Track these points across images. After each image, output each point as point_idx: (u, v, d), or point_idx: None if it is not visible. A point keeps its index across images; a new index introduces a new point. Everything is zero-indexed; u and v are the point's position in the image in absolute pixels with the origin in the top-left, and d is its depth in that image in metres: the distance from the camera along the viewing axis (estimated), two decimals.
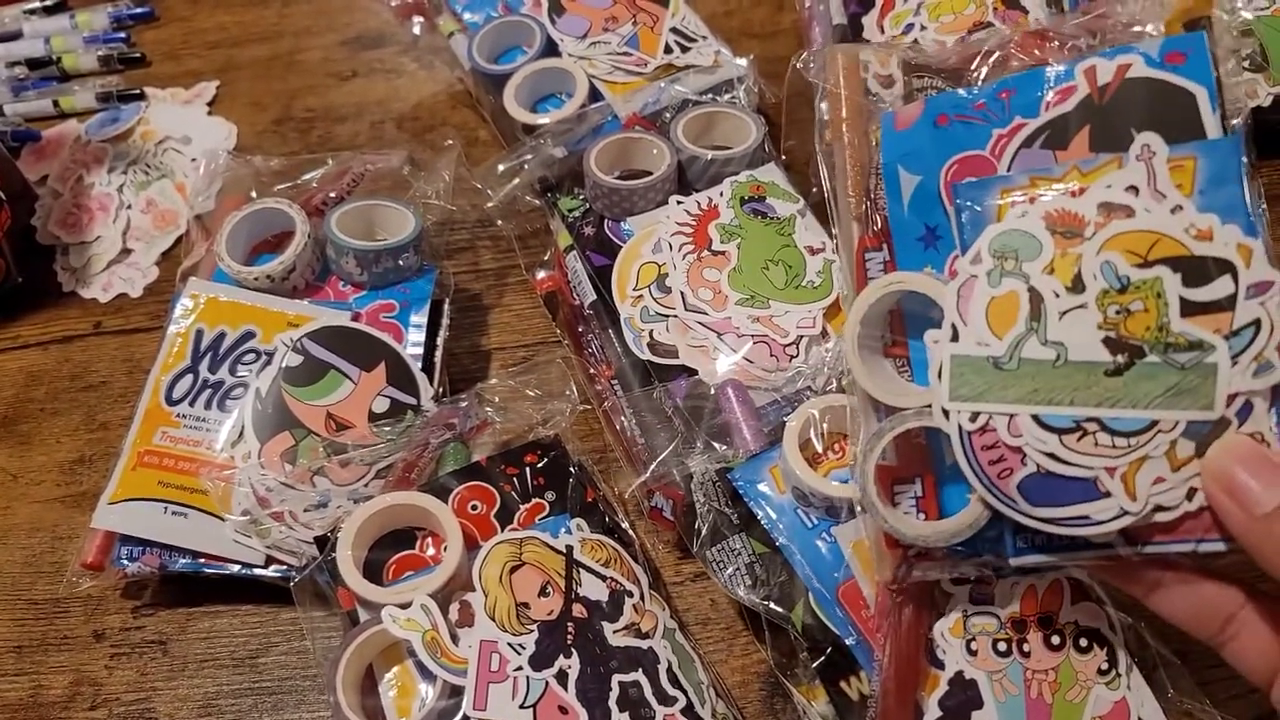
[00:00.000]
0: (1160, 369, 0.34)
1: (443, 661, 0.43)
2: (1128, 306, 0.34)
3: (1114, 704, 0.42)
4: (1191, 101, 0.36)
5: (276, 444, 0.52)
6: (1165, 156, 0.35)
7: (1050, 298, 0.35)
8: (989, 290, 0.36)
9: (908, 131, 0.41)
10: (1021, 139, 0.39)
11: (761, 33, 0.78)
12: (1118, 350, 0.34)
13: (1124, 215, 0.35)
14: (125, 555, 0.52)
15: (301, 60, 0.80)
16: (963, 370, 0.36)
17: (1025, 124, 0.39)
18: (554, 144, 0.62)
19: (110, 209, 0.71)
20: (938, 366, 0.36)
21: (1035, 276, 0.35)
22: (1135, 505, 0.33)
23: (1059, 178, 0.37)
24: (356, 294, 0.58)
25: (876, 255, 0.42)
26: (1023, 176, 0.37)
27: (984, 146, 0.40)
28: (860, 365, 0.40)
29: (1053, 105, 0.38)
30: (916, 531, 0.38)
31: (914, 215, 0.41)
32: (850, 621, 0.44)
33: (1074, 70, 0.38)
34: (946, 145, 0.40)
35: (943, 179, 0.40)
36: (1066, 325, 0.35)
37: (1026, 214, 0.36)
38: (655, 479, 0.50)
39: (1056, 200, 0.36)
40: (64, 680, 0.52)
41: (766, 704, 0.49)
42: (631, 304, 0.55)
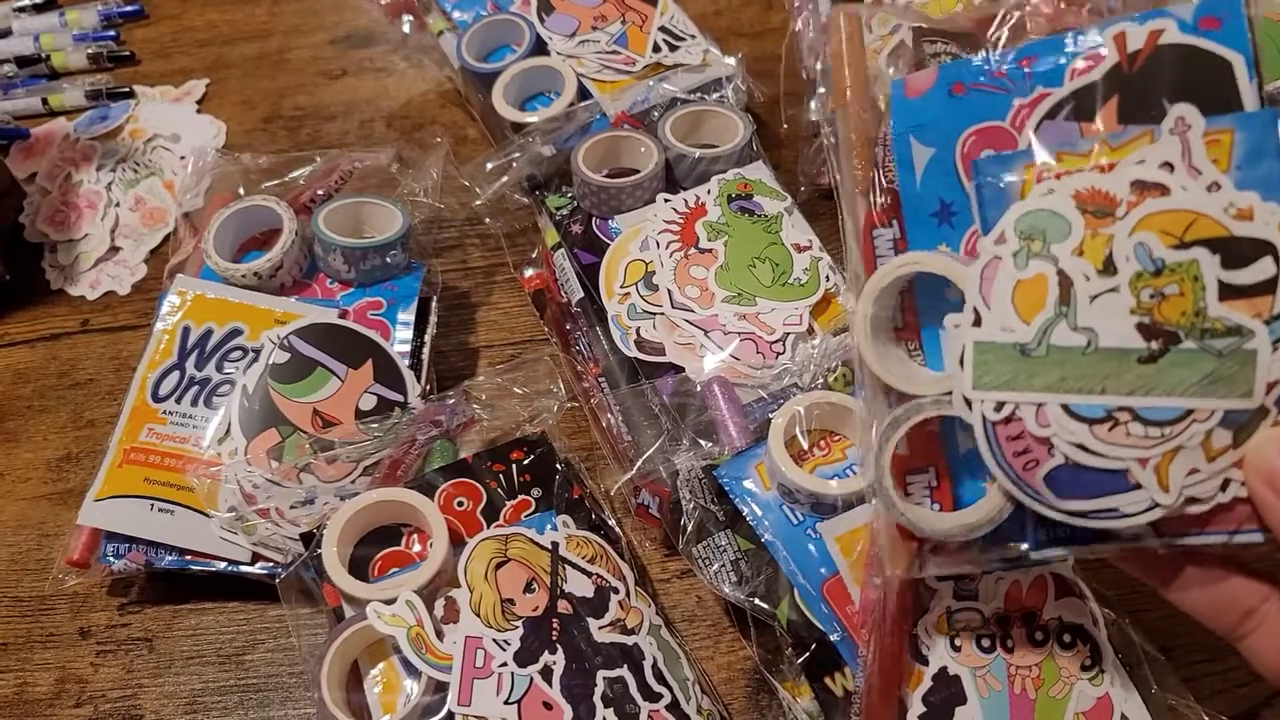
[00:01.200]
0: (1196, 356, 0.32)
1: (428, 658, 0.43)
2: (1162, 290, 0.32)
3: (1097, 700, 0.42)
4: (1227, 70, 0.33)
5: (263, 441, 0.52)
6: (1201, 130, 0.33)
7: (1080, 281, 0.33)
8: (1015, 273, 0.34)
9: (920, 100, 0.38)
10: (1045, 110, 0.36)
11: (750, 32, 0.78)
12: (1152, 336, 0.32)
13: (1158, 193, 0.33)
14: (111, 552, 0.51)
15: (291, 59, 0.80)
16: (987, 357, 0.34)
17: (1049, 94, 0.36)
18: (542, 142, 0.62)
19: (99, 206, 0.71)
20: (959, 353, 0.34)
21: (1064, 259, 0.33)
22: (1167, 497, 0.32)
23: (1086, 154, 0.34)
24: (344, 291, 0.58)
25: (885, 233, 0.39)
26: (1046, 152, 0.35)
27: (1004, 118, 0.37)
28: (872, 349, 0.38)
29: (1079, 74, 0.36)
30: (934, 525, 0.36)
31: (927, 189, 0.38)
32: (835, 617, 0.44)
33: (1102, 35, 0.35)
34: (963, 115, 0.37)
35: (959, 151, 0.38)
36: (1098, 310, 0.33)
37: (1053, 191, 0.34)
38: (642, 476, 0.50)
39: (1085, 177, 0.33)
40: (49, 677, 0.52)
41: (752, 700, 0.49)
42: (619, 301, 0.55)
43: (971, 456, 0.36)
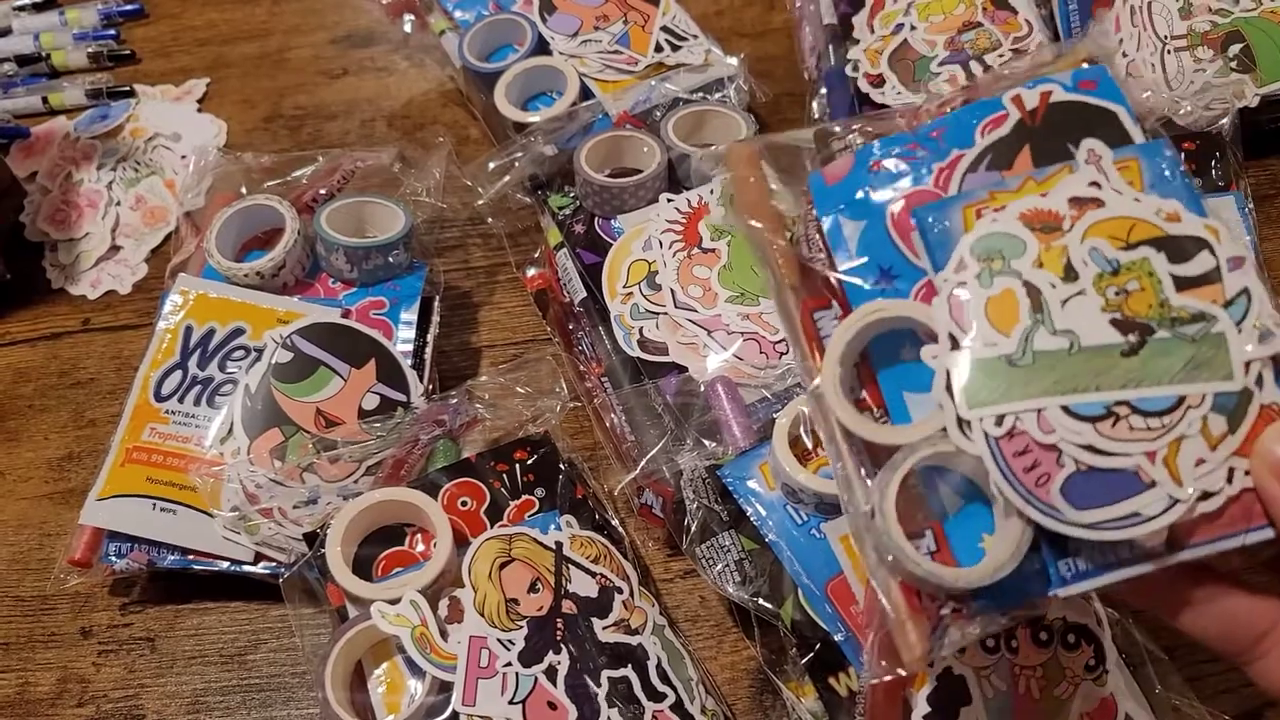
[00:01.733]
0: (1173, 343, 0.33)
1: (432, 657, 0.43)
2: (1125, 287, 0.34)
3: (1101, 700, 0.43)
4: (1114, 118, 0.37)
5: (266, 440, 0.52)
6: (1111, 159, 0.36)
7: (1047, 289, 0.34)
8: (983, 292, 0.35)
9: (841, 184, 0.40)
10: (965, 165, 0.39)
11: (752, 32, 0.78)
12: (1128, 330, 0.33)
13: (1095, 206, 0.35)
14: (113, 552, 0.51)
15: (291, 58, 0.80)
16: (975, 375, 0.34)
17: (964, 153, 0.39)
18: (544, 142, 0.62)
19: (99, 206, 0.71)
20: (944, 380, 0.34)
21: (1027, 271, 0.35)
22: (1182, 490, 0.32)
23: (1016, 189, 0.37)
24: (346, 291, 0.58)
25: (827, 313, 0.39)
26: (981, 192, 0.37)
27: (927, 181, 0.39)
28: (849, 410, 0.36)
29: (988, 132, 0.39)
30: (958, 576, 0.34)
31: (864, 260, 0.39)
32: (839, 618, 0.44)
33: (1000, 100, 0.39)
34: (887, 186, 0.39)
35: (890, 217, 0.39)
36: (1071, 313, 0.34)
37: (998, 219, 0.36)
38: (645, 476, 0.50)
39: (1026, 201, 0.36)
40: (51, 677, 0.52)
41: (755, 700, 0.49)
42: (621, 301, 0.55)
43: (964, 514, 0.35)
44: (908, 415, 0.37)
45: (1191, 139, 0.58)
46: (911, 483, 0.36)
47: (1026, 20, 0.64)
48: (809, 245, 0.40)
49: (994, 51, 0.63)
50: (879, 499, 0.35)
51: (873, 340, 0.37)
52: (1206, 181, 0.57)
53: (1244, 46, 0.62)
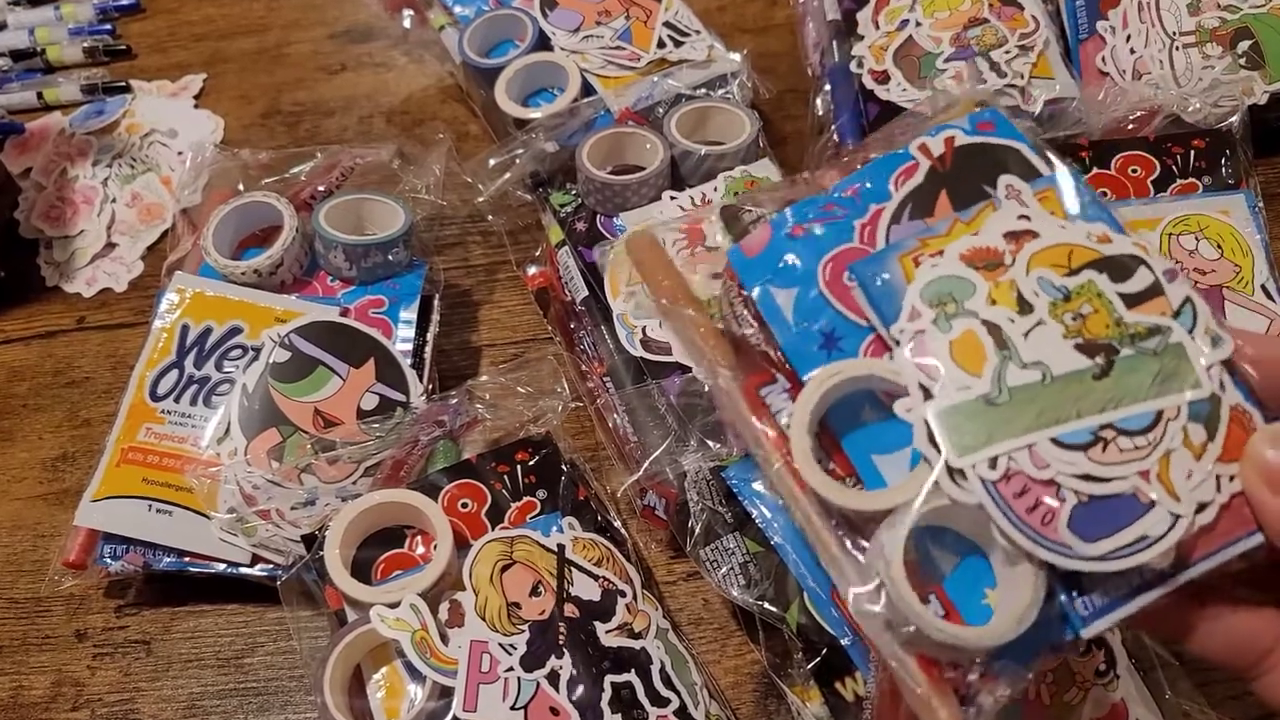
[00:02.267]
0: (1139, 359, 0.33)
1: (432, 662, 0.43)
2: (1080, 311, 0.34)
3: (1112, 705, 0.42)
4: (1018, 154, 0.38)
5: (263, 441, 0.52)
6: (1030, 191, 0.37)
7: (1007, 324, 0.34)
8: (943, 336, 0.34)
9: (763, 255, 0.39)
10: (888, 218, 0.38)
11: (754, 28, 0.77)
12: (1093, 352, 0.33)
13: (1030, 238, 0.35)
14: (108, 554, 0.51)
15: (289, 53, 0.79)
16: (956, 421, 0.33)
17: (883, 206, 0.38)
18: (546, 139, 0.61)
19: (95, 202, 0.70)
20: (924, 432, 0.33)
21: (982, 310, 0.34)
22: (1181, 505, 0.32)
23: (945, 233, 0.36)
24: (345, 289, 0.58)
25: (773, 387, 0.38)
26: (912, 240, 0.37)
27: (851, 238, 0.38)
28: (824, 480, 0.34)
29: (902, 183, 0.39)
30: (981, 633, 0.32)
31: (803, 327, 0.37)
32: (846, 621, 0.44)
33: (907, 150, 0.39)
34: (812, 250, 0.38)
35: (821, 279, 0.38)
36: (1035, 344, 0.34)
37: (939, 263, 0.35)
38: (648, 477, 0.49)
39: (961, 242, 0.36)
40: (45, 680, 0.51)
41: (760, 705, 0.49)
42: (624, 300, 0.54)
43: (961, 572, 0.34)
44: (882, 478, 0.35)
45: (1200, 136, 0.58)
46: (906, 548, 0.34)
47: (1033, 16, 0.63)
48: (738, 322, 0.39)
49: (1000, 48, 0.62)
50: (885, 567, 0.33)
51: (829, 408, 0.36)
52: (1216, 179, 0.57)
53: (1253, 43, 0.61)
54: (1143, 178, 0.57)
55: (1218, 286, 0.54)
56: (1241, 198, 0.56)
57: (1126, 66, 0.63)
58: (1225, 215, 0.55)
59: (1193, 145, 0.58)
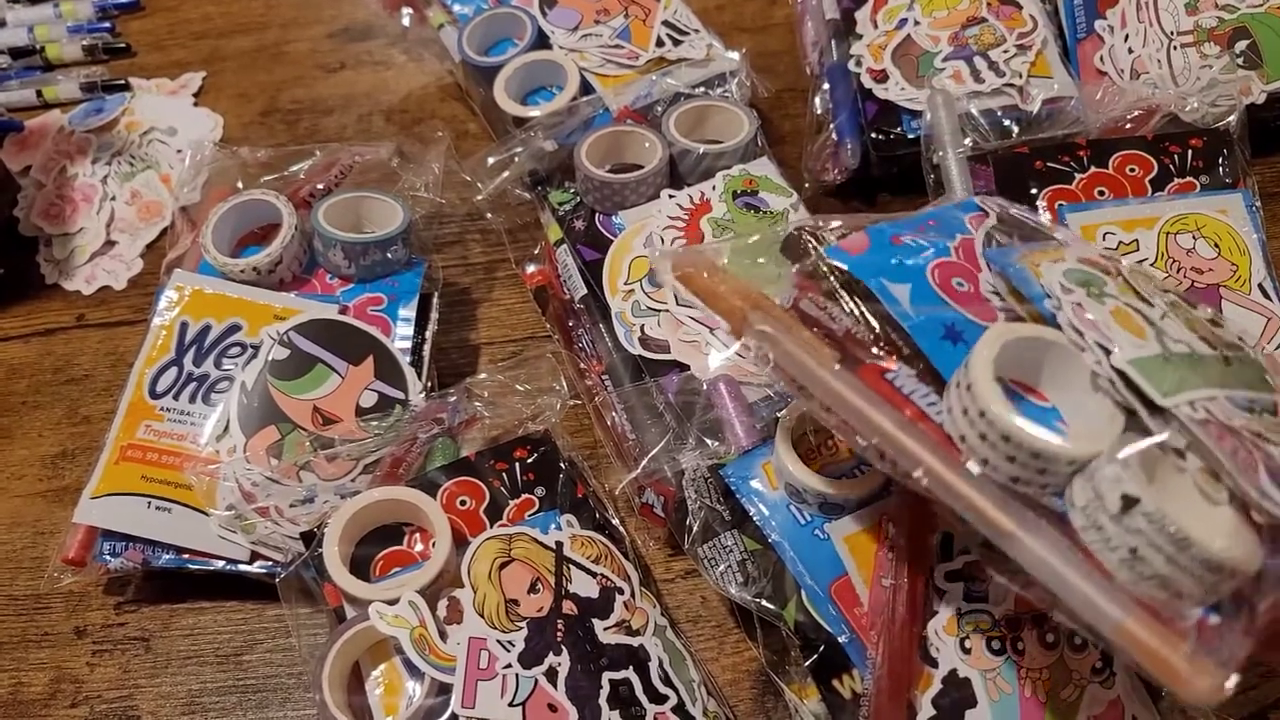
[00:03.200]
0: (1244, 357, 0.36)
1: (431, 659, 0.43)
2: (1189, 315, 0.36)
3: (1108, 703, 0.42)
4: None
5: (262, 438, 0.52)
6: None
7: (1144, 308, 0.35)
8: (1101, 307, 0.35)
9: (869, 253, 0.39)
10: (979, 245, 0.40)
11: (753, 27, 0.77)
12: (1213, 345, 0.35)
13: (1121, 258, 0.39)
14: (108, 551, 0.51)
15: (288, 52, 0.79)
16: (1149, 369, 0.33)
17: (969, 237, 0.40)
18: (544, 137, 0.61)
19: (94, 200, 0.70)
20: (1120, 379, 0.33)
21: (1119, 295, 0.36)
22: None
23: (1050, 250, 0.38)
24: (344, 287, 0.58)
25: (901, 369, 0.37)
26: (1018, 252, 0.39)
27: (949, 254, 0.39)
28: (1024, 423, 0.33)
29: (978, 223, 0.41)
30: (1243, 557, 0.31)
31: (923, 317, 0.37)
32: (843, 619, 0.44)
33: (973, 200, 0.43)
34: (916, 255, 0.39)
35: (932, 280, 0.38)
36: (1173, 328, 0.35)
37: (1064, 260, 0.37)
38: (646, 475, 0.49)
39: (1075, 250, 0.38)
40: (44, 677, 0.51)
41: (758, 702, 0.49)
42: (622, 298, 0.54)
43: None
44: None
45: (1198, 136, 0.58)
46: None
47: (1031, 16, 0.63)
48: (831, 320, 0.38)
49: (998, 47, 0.62)
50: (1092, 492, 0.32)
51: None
52: (1213, 178, 0.57)
53: (1251, 43, 0.61)
54: (1140, 176, 0.57)
55: (1215, 285, 0.54)
56: (1239, 197, 0.56)
57: (1124, 66, 0.63)
58: (1223, 214, 0.55)
59: (1190, 144, 0.58)
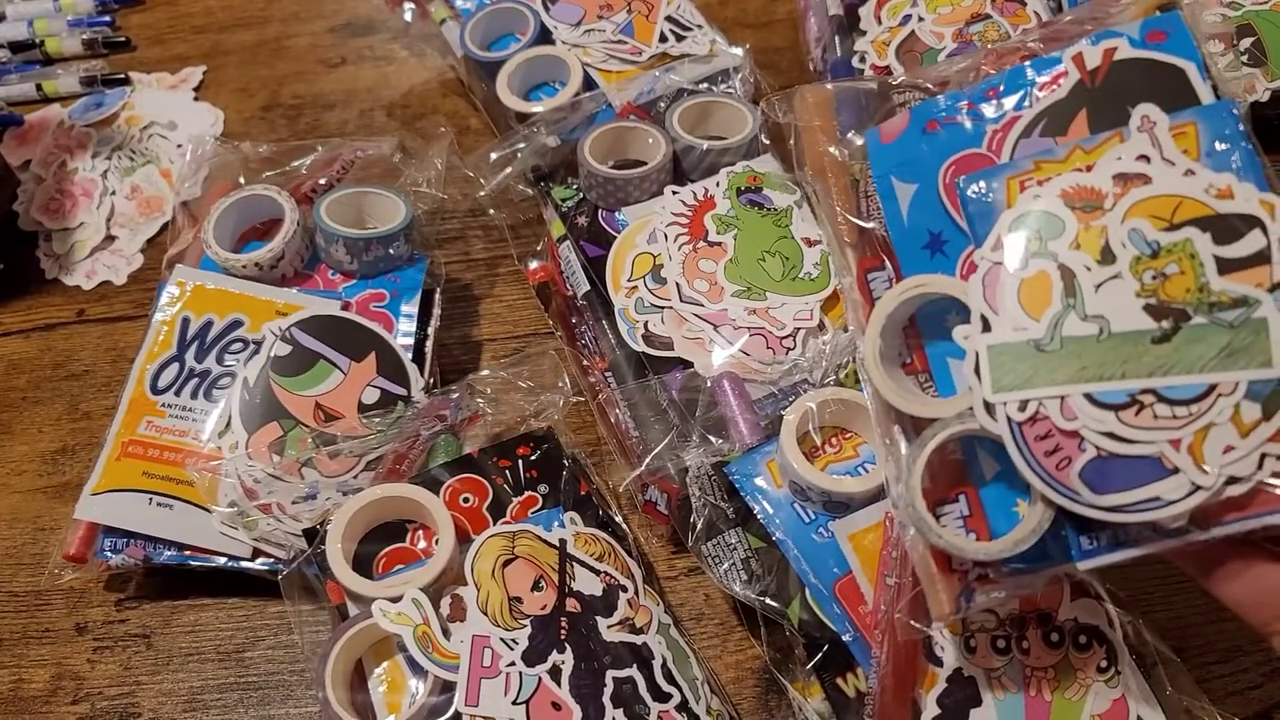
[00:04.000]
0: (1209, 330, 0.32)
1: (434, 656, 0.43)
2: (1163, 271, 0.33)
3: (1113, 701, 0.42)
4: (1181, 75, 0.36)
5: (264, 435, 0.52)
6: (1167, 125, 0.35)
7: (1082, 272, 0.34)
8: (1017, 273, 0.34)
9: (896, 143, 0.40)
10: (1019, 130, 0.38)
11: (756, 22, 0.77)
12: (1161, 316, 0.33)
13: (1140, 183, 0.34)
14: (109, 547, 0.51)
15: (290, 46, 0.79)
16: (1002, 359, 0.34)
17: (1019, 116, 0.38)
18: (547, 133, 0.61)
19: (94, 195, 0.70)
20: (973, 361, 0.35)
21: (1063, 253, 0.34)
22: (1207, 478, 0.32)
23: (1062, 159, 0.36)
24: (346, 283, 0.57)
25: (880, 274, 0.40)
26: (1026, 162, 0.36)
27: (980, 144, 0.39)
28: (886, 381, 0.38)
29: (1045, 94, 0.38)
30: (979, 547, 0.35)
31: (915, 223, 0.39)
32: (847, 617, 0.44)
33: (1061, 57, 0.38)
34: (940, 149, 0.39)
35: (941, 181, 0.39)
36: (1104, 297, 0.33)
37: (1040, 195, 0.35)
38: (650, 472, 0.49)
39: (1068, 178, 0.35)
40: (45, 674, 0.51)
41: (761, 700, 0.49)
42: (626, 295, 0.54)
43: (1000, 480, 0.36)
44: (951, 382, 0.38)
45: None
46: (950, 448, 0.37)
47: (1035, 12, 0.63)
48: (867, 202, 0.41)
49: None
50: (906, 473, 0.36)
51: (922, 305, 0.38)
52: None
53: (1255, 40, 0.61)
54: None
55: None
56: None
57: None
58: None
59: None
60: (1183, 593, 0.51)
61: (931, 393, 0.39)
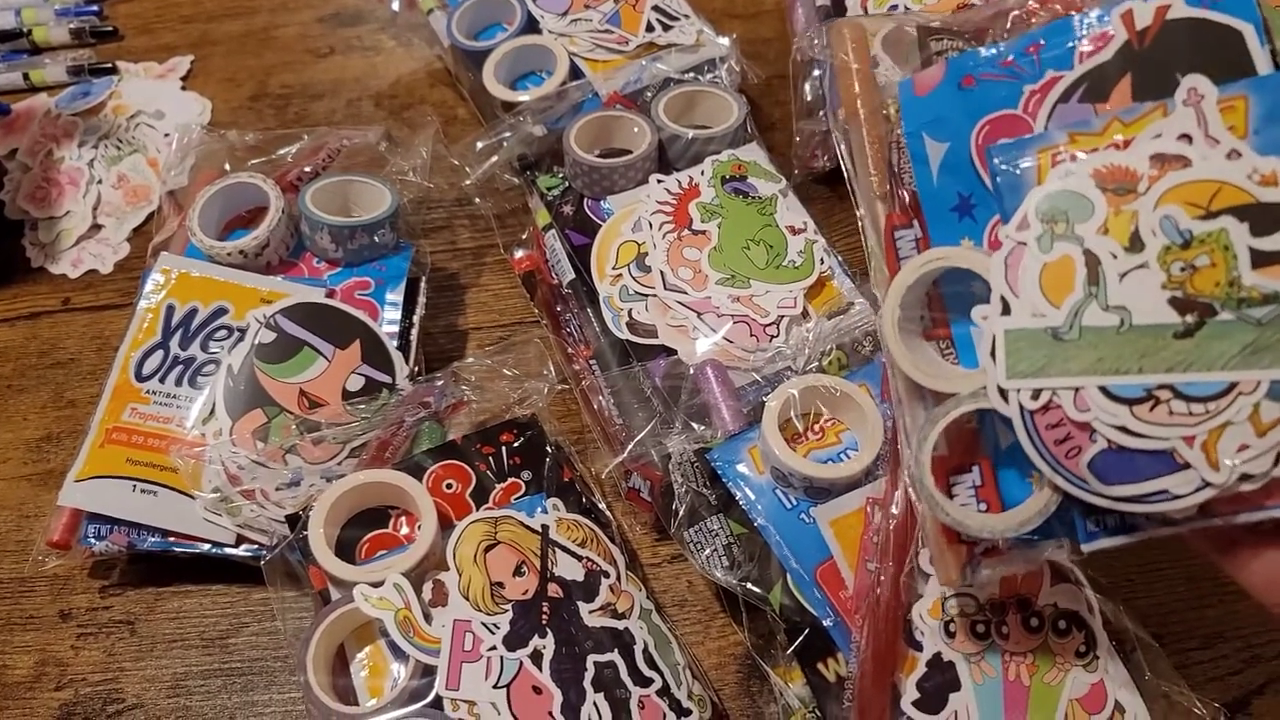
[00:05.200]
0: (1234, 326, 0.31)
1: (415, 641, 0.43)
2: (1193, 262, 0.31)
3: (1091, 686, 0.42)
4: (1238, 39, 0.33)
5: (248, 421, 0.52)
6: (1215, 99, 0.32)
7: (1108, 259, 0.32)
8: (1040, 257, 0.33)
9: (930, 97, 0.38)
10: (1057, 93, 0.36)
11: (744, 13, 0.77)
12: (1186, 310, 0.31)
13: (1179, 165, 0.32)
14: (93, 534, 0.51)
15: (277, 36, 0.79)
16: (1019, 345, 0.33)
17: (1060, 77, 0.36)
18: (533, 122, 0.61)
19: (80, 184, 0.70)
20: (990, 344, 0.34)
21: (1089, 238, 0.33)
22: (1218, 476, 0.31)
23: (1099, 132, 0.34)
24: (331, 271, 0.57)
25: (907, 233, 0.39)
26: (1060, 134, 0.34)
27: (1016, 105, 0.37)
28: (902, 350, 0.37)
29: (1088, 55, 0.35)
30: (983, 524, 0.35)
31: (945, 184, 0.38)
32: (828, 603, 0.44)
33: (1109, 15, 0.35)
34: (975, 107, 0.37)
35: (974, 143, 0.37)
36: (1128, 287, 0.32)
37: (1072, 173, 0.33)
38: (633, 459, 0.49)
39: (1103, 156, 0.33)
40: (29, 660, 0.51)
41: (743, 685, 0.49)
42: (610, 283, 0.54)
43: (1015, 452, 0.35)
44: (972, 351, 0.37)
45: None
46: (965, 419, 0.36)
47: None
48: (899, 154, 0.40)
49: None
50: (916, 447, 0.36)
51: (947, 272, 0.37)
52: None
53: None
54: None
55: None
56: None
57: None
58: None
59: None
60: (1163, 579, 0.51)
61: (952, 359, 0.38)
